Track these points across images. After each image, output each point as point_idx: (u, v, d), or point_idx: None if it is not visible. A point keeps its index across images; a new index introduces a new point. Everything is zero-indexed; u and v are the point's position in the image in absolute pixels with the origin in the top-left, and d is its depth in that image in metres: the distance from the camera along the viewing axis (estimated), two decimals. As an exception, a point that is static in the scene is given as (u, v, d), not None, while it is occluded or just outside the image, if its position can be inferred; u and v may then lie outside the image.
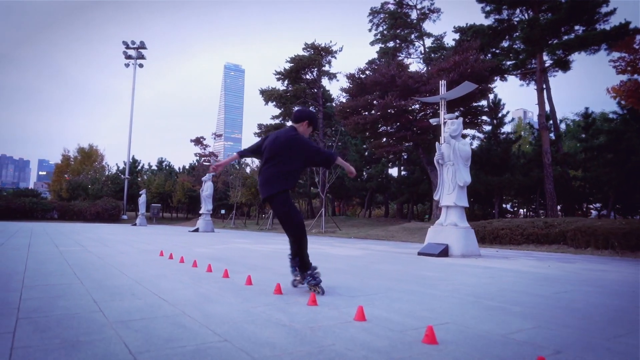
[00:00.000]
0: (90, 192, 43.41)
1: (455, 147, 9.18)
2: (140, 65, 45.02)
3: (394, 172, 33.42)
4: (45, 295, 3.29)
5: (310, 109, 38.53)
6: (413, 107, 20.16)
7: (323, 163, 3.81)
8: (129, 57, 44.67)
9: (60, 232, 14.65)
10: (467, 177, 9.10)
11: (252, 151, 4.00)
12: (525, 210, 36.81)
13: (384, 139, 20.30)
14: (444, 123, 15.90)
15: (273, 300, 3.30)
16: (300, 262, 3.63)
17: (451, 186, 9.17)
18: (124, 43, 44.46)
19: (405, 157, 27.91)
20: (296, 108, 6.18)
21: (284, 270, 5.25)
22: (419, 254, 8.74)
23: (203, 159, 42.98)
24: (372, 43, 33.43)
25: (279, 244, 11.13)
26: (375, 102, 19.15)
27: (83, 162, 50.63)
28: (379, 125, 19.79)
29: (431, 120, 16.56)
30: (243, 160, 43.17)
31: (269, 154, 3.62)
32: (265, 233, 22.56)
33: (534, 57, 21.83)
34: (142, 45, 45.01)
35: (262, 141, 3.88)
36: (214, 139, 46.43)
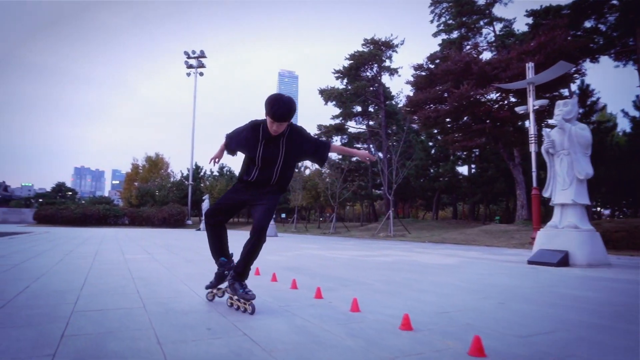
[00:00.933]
0: (157, 198, 45.15)
1: (571, 132, 7.50)
2: (201, 74, 46.26)
3: (463, 170, 31.28)
4: (96, 329, 2.40)
5: (372, 105, 37.61)
6: (489, 97, 18.23)
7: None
8: (190, 66, 46.09)
9: (129, 238, 14.62)
10: (588, 169, 7.41)
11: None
12: (612, 209, 32.82)
13: (458, 134, 18.49)
14: (534, 110, 14.03)
15: (414, 344, 2.16)
16: (244, 268, 2.96)
17: (567, 180, 7.52)
18: (185, 53, 45.95)
19: (477, 153, 25.69)
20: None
21: (392, 288, 4.11)
22: (530, 262, 7.21)
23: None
24: (435, 34, 31.50)
25: (353, 250, 10.01)
26: (445, 94, 17.47)
27: (150, 170, 53.02)
28: (452, 119, 18.03)
29: (518, 109, 14.68)
30: (301, 163, 42.75)
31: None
32: (329, 237, 21.59)
33: (631, 35, 18.95)
34: (202, 55, 46.25)
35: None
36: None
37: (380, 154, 39.42)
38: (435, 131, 19.35)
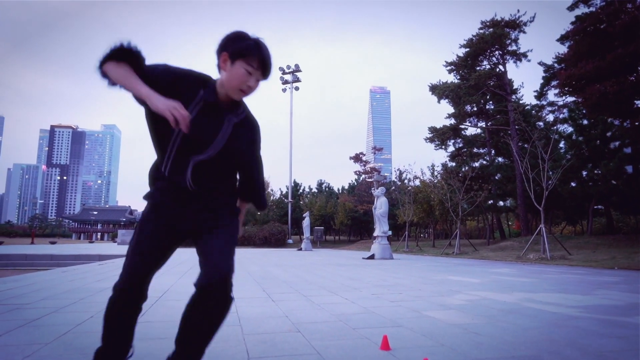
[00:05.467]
0: (258, 217, 44.53)
1: None
2: (297, 88, 45.20)
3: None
4: None
5: (489, 103, 32.10)
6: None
7: None
8: (285, 82, 45.37)
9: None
10: None
11: None
12: None
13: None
14: None
15: None
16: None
17: None
18: (280, 69, 45.41)
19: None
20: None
21: None
22: None
23: (364, 176, 39.94)
24: (571, 8, 25.67)
25: (529, 291, 6.00)
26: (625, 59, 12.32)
27: (252, 189, 53.24)
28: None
29: None
30: (405, 174, 38.49)
31: None
32: (456, 259, 17.30)
33: None
34: (297, 69, 45.30)
35: None
36: (374, 153, 43.20)
37: (500, 159, 33.66)
38: (615, 111, 14.00)
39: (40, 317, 3.53)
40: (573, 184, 23.91)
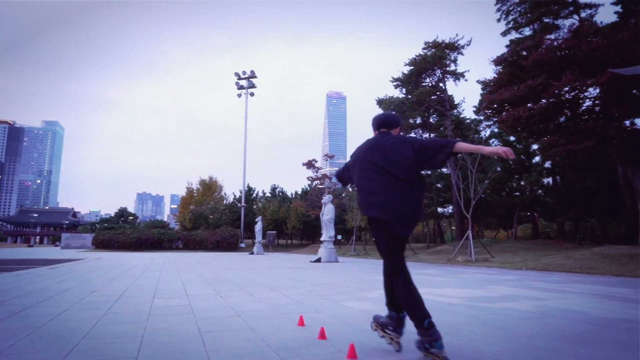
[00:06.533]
0: (211, 221, 44.49)
1: None
2: (252, 94, 45.77)
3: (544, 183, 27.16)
4: None
5: (433, 116, 34.56)
6: (590, 91, 14.96)
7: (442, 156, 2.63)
8: (240, 87, 45.80)
9: (176, 267, 12.83)
10: None
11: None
12: None
13: (556, 136, 15.17)
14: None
15: None
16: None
17: None
18: (236, 74, 45.80)
19: (567, 162, 21.81)
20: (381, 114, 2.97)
21: None
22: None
23: (315, 182, 41.20)
24: (504, 34, 28.44)
25: (451, 286, 7.36)
26: (540, 87, 14.39)
27: (204, 193, 52.92)
28: (549, 118, 14.78)
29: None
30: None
31: (393, 166, 2.66)
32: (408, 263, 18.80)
33: None
34: (253, 75, 45.87)
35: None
36: (326, 160, 44.64)
37: (444, 169, 36.21)
38: (526, 133, 16.12)
39: (22, 309, 4.25)
40: (503, 194, 26.46)
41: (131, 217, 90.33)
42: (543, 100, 14.31)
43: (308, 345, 2.95)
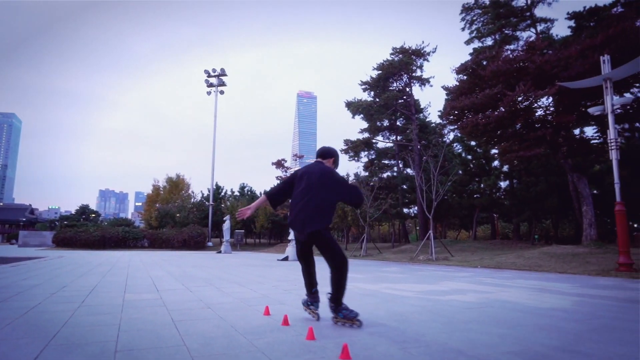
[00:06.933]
0: (178, 220, 43.88)
1: None
2: (222, 92, 45.49)
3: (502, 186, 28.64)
4: None
5: (400, 119, 35.71)
6: (544, 101, 16.09)
7: (354, 202, 3.81)
8: (210, 85, 45.43)
9: (143, 264, 12.85)
10: None
11: (282, 192, 3.92)
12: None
13: (510, 143, 16.23)
14: (613, 111, 11.88)
15: None
16: (338, 296, 3.67)
17: None
18: (206, 72, 45.38)
19: (522, 166, 23.21)
20: (322, 147, 4.46)
21: None
22: None
23: (285, 181, 41.48)
24: (468, 42, 29.75)
25: (409, 282, 7.93)
26: (498, 96, 15.37)
27: (171, 191, 52.04)
28: (505, 126, 15.80)
29: (591, 110, 12.56)
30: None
31: (316, 186, 3.61)
32: (364, 261, 19.43)
33: None
34: (223, 73, 45.59)
35: (292, 179, 3.88)
36: (295, 160, 44.98)
37: (409, 170, 37.33)
38: (486, 138, 17.11)
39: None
40: (465, 196, 27.67)
41: (93, 215, 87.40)
42: (501, 109, 15.29)
43: (272, 330, 3.33)
